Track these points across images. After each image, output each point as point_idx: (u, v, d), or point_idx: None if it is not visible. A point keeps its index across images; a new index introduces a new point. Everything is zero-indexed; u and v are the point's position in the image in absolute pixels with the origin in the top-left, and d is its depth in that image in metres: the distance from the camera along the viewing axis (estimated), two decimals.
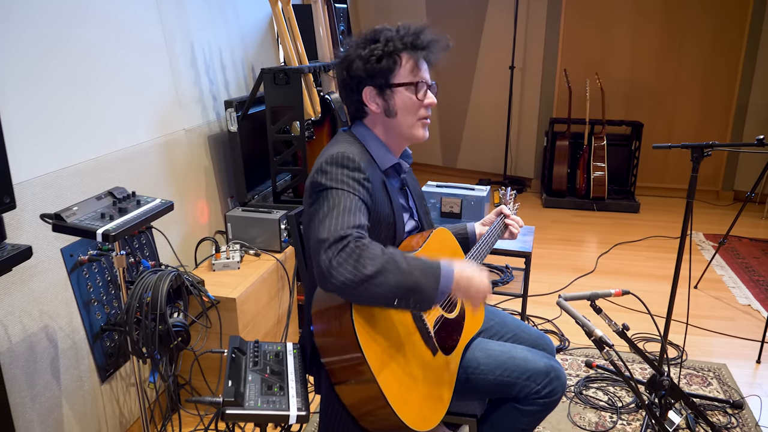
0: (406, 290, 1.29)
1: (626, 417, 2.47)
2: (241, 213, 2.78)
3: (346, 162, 1.46)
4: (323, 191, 1.42)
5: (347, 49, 1.59)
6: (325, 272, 1.27)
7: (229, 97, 3.03)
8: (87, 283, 2.04)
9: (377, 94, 1.57)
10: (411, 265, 1.31)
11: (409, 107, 1.57)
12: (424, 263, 1.34)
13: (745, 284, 3.78)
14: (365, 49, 1.54)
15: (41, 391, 1.86)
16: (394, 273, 1.28)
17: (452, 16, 6.03)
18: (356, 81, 1.56)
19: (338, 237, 1.30)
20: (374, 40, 1.55)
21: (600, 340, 1.66)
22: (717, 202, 5.62)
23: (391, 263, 1.29)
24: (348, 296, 1.32)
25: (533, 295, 3.56)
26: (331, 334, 1.40)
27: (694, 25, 5.32)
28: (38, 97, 1.84)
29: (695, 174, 2.22)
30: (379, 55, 1.53)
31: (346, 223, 1.33)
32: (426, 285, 1.31)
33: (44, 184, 1.85)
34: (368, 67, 1.53)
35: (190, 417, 2.40)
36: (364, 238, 1.32)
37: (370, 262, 1.27)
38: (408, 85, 1.55)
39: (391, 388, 1.35)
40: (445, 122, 6.40)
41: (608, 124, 5.34)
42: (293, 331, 2.88)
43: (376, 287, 1.27)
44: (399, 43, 1.54)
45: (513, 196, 2.14)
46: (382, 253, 1.30)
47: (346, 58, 1.58)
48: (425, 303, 1.34)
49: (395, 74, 1.55)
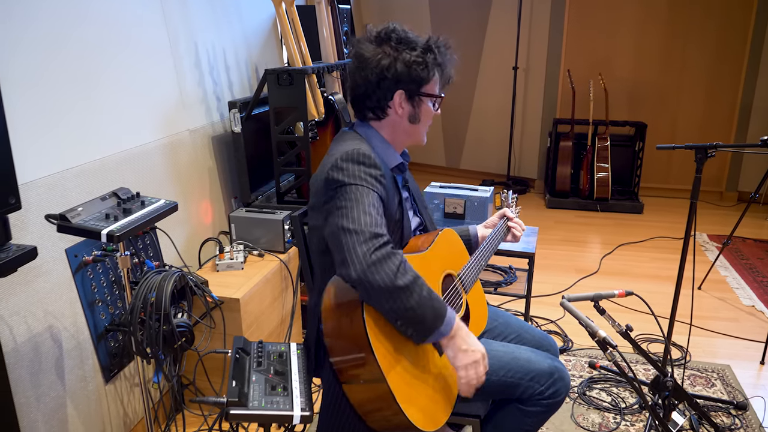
0: (414, 317, 1.34)
1: (630, 418, 2.47)
2: (244, 213, 2.78)
3: (362, 158, 1.47)
4: (342, 187, 1.43)
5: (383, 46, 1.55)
6: (358, 263, 1.29)
7: (233, 97, 3.04)
8: (91, 284, 2.04)
9: (407, 100, 1.59)
10: (428, 296, 1.35)
11: (427, 117, 1.64)
12: (438, 299, 1.37)
13: (749, 285, 3.77)
14: (412, 53, 1.54)
15: (46, 391, 1.86)
16: (417, 297, 1.32)
17: (456, 17, 6.03)
18: (393, 82, 1.55)
19: (374, 233, 1.33)
20: (412, 44, 1.55)
21: (603, 340, 1.66)
22: (721, 202, 5.60)
23: (418, 287, 1.33)
24: (364, 293, 1.34)
25: (537, 296, 3.56)
26: (341, 333, 1.40)
27: (697, 26, 5.31)
28: (42, 97, 1.85)
29: (699, 175, 2.21)
30: (430, 63, 1.56)
31: (375, 220, 1.36)
32: (429, 321, 1.36)
33: (49, 185, 1.86)
34: (412, 72, 1.54)
35: (194, 417, 2.41)
36: (397, 247, 1.37)
37: (404, 276, 1.31)
38: (434, 98, 1.61)
39: (399, 388, 1.36)
40: (449, 123, 6.40)
41: (612, 124, 5.33)
42: (297, 331, 2.88)
43: (395, 301, 1.31)
44: (443, 58, 1.59)
45: (515, 199, 2.15)
46: (412, 270, 1.34)
47: (386, 56, 1.53)
48: (420, 336, 1.38)
49: (428, 85, 1.59)
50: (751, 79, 5.30)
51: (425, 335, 1.38)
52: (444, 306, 1.38)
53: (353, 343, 1.36)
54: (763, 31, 5.17)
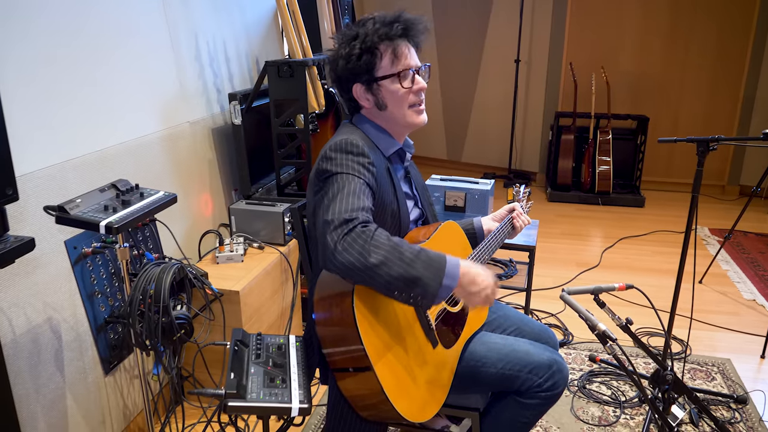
0: (407, 283, 1.28)
1: (629, 411, 2.47)
2: (244, 206, 2.78)
3: (350, 147, 1.47)
4: (329, 177, 1.44)
5: (334, 48, 1.61)
6: (330, 253, 1.28)
7: (233, 89, 3.03)
8: (91, 276, 2.04)
9: (366, 90, 1.59)
10: (414, 257, 1.30)
11: (397, 98, 1.58)
12: (428, 256, 1.32)
13: (750, 279, 3.76)
14: (347, 47, 1.56)
15: (45, 383, 1.87)
16: (397, 264, 1.27)
17: (458, 9, 6.00)
18: (344, 80, 1.59)
19: (344, 219, 1.30)
20: (354, 37, 1.56)
21: (603, 334, 1.65)
22: (723, 196, 5.59)
23: (395, 254, 1.28)
24: (350, 278, 1.33)
25: (537, 289, 3.56)
26: (331, 322, 1.40)
27: (700, 19, 5.27)
28: (41, 89, 1.84)
29: (701, 168, 2.20)
30: (357, 52, 1.54)
31: (351, 205, 1.34)
32: (428, 279, 1.30)
33: (48, 176, 1.86)
34: (350, 66, 1.55)
35: (194, 409, 2.41)
36: (370, 223, 1.32)
37: (375, 250, 1.27)
38: (392, 77, 1.56)
39: (387, 379, 1.35)
40: (450, 116, 6.38)
41: (614, 118, 5.31)
42: (296, 324, 2.88)
43: (378, 276, 1.27)
44: (375, 37, 1.54)
45: (527, 194, 2.13)
46: (388, 241, 1.29)
47: (332, 59, 1.60)
48: (427, 298, 1.32)
49: (377, 68, 1.56)
50: (753, 72, 5.27)
51: (432, 295, 1.31)
52: (439, 259, 1.32)
53: (342, 332, 1.36)
54: (766, 25, 5.14)
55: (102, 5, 2.09)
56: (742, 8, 5.17)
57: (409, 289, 1.29)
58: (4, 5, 1.70)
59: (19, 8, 1.75)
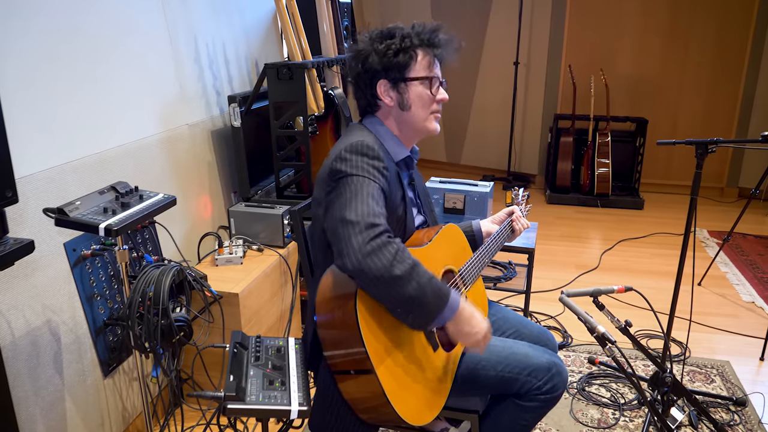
0: (413, 303, 1.33)
1: (629, 414, 2.47)
2: (244, 208, 2.78)
3: (365, 150, 1.47)
4: (344, 178, 1.44)
5: (362, 43, 1.61)
6: (353, 253, 1.29)
7: (232, 92, 3.03)
8: (90, 278, 2.04)
9: (391, 88, 1.59)
10: (428, 281, 1.34)
11: (423, 101, 1.61)
12: (438, 284, 1.36)
13: (749, 281, 3.77)
14: (381, 43, 1.57)
15: (44, 386, 1.86)
16: (414, 284, 1.31)
17: (457, 11, 6.01)
18: (371, 74, 1.59)
19: (370, 223, 1.32)
20: (390, 36, 1.58)
21: (602, 336, 1.66)
22: (721, 198, 5.60)
23: (415, 273, 1.32)
24: (362, 283, 1.34)
25: (536, 292, 3.56)
26: (333, 325, 1.40)
27: (699, 21, 5.29)
28: (41, 91, 1.84)
29: (699, 170, 2.21)
30: (396, 49, 1.56)
31: (373, 209, 1.36)
32: (432, 306, 1.35)
33: (47, 179, 1.86)
34: (385, 60, 1.57)
35: (193, 411, 2.41)
36: (394, 236, 1.35)
37: (400, 265, 1.30)
38: (423, 80, 1.59)
39: (389, 381, 1.35)
40: (450, 118, 6.38)
41: (613, 120, 5.31)
42: (296, 326, 2.88)
43: (392, 289, 1.31)
44: (416, 39, 1.58)
45: (526, 197, 2.13)
46: (411, 259, 1.33)
47: (362, 52, 1.60)
48: (422, 323, 1.38)
49: (411, 69, 1.58)
50: (752, 74, 5.28)
51: (427, 322, 1.37)
52: (446, 291, 1.37)
53: (345, 334, 1.36)
54: (765, 27, 5.15)
55: (101, 7, 2.10)
56: (742, 4, 5.18)
57: (412, 309, 1.34)
58: (4, 3, 1.70)
59: (20, 6, 1.76)
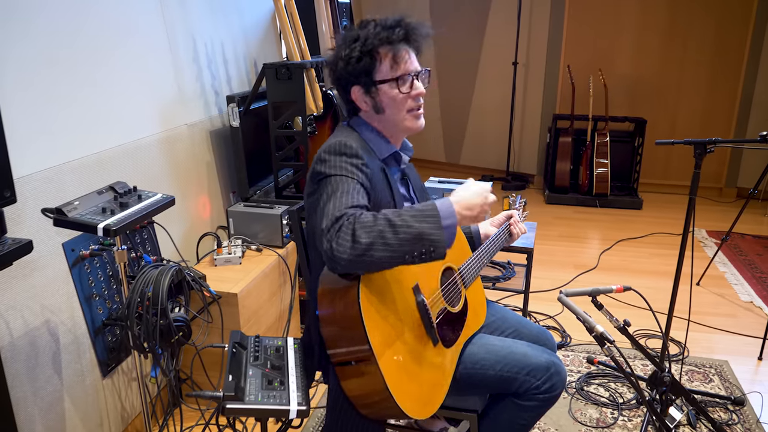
0: (411, 243, 1.27)
1: (627, 413, 2.47)
2: (242, 208, 2.78)
3: (343, 149, 1.47)
4: (323, 179, 1.44)
5: (334, 49, 1.61)
6: (329, 256, 1.28)
7: (231, 92, 3.03)
8: (89, 278, 2.04)
9: (364, 93, 1.59)
10: (406, 217, 1.29)
11: (395, 102, 1.58)
12: (418, 211, 1.31)
13: (748, 281, 3.77)
14: (347, 48, 1.56)
15: (43, 386, 1.86)
16: (392, 232, 1.27)
17: (456, 11, 6.01)
18: (343, 81, 1.59)
19: (335, 219, 1.30)
20: (354, 39, 1.56)
21: (601, 336, 1.66)
22: (720, 198, 5.60)
23: (385, 224, 1.28)
24: (358, 269, 1.33)
25: (535, 292, 3.56)
26: (335, 316, 1.40)
27: (697, 21, 5.29)
28: (39, 92, 1.84)
29: (698, 170, 2.21)
30: (357, 55, 1.54)
31: (343, 204, 1.34)
32: (429, 230, 1.29)
33: (45, 179, 1.85)
34: (349, 68, 1.56)
35: (192, 411, 2.41)
36: (356, 212, 1.31)
37: (364, 231, 1.26)
38: (390, 81, 1.56)
39: (390, 373, 1.36)
40: (448, 118, 6.39)
41: (611, 120, 5.32)
42: (295, 326, 2.88)
43: (380, 252, 1.26)
44: (375, 40, 1.54)
45: (523, 203, 2.14)
46: (374, 218, 1.29)
47: (332, 60, 1.60)
48: (438, 248, 1.30)
49: (376, 71, 1.56)
50: (751, 74, 5.29)
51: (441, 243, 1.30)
52: (431, 207, 1.33)
53: (347, 326, 1.36)
54: (764, 27, 5.15)
55: (100, 7, 2.09)
56: (740, 10, 5.18)
57: (418, 247, 1.28)
58: (4, 5, 1.70)
59: (20, 8, 1.76)
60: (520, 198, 2.15)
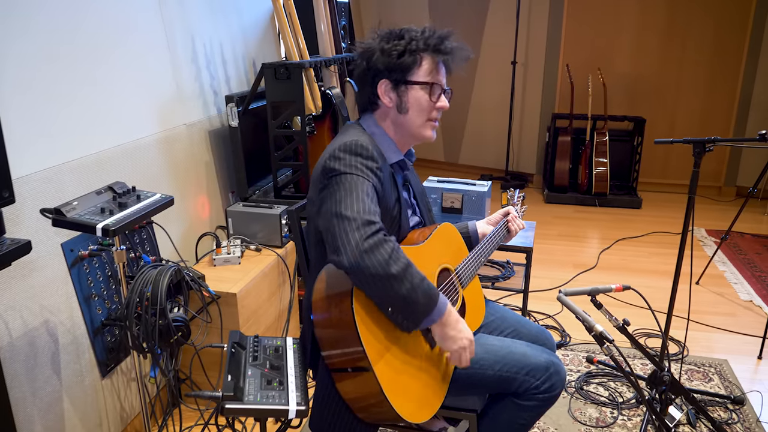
0: (406, 303, 1.34)
1: (627, 412, 2.47)
2: (241, 208, 2.78)
3: (359, 150, 1.47)
4: (337, 176, 1.44)
5: (370, 40, 1.61)
6: (350, 250, 1.29)
7: (230, 92, 3.03)
8: (87, 278, 2.04)
9: (392, 89, 1.59)
10: (420, 282, 1.35)
11: (421, 106, 1.60)
12: (429, 285, 1.37)
13: (747, 280, 3.77)
14: (388, 43, 1.57)
15: (42, 386, 1.86)
16: (408, 283, 1.32)
17: (454, 10, 6.01)
18: (374, 73, 1.59)
19: (367, 220, 1.32)
20: (399, 37, 1.58)
21: (600, 335, 1.66)
22: (719, 197, 5.60)
23: (409, 273, 1.33)
24: (358, 280, 1.34)
25: (534, 291, 3.56)
26: (330, 322, 1.40)
27: (696, 20, 5.29)
28: (38, 92, 1.84)
29: (697, 169, 2.21)
30: (400, 50, 1.55)
31: (368, 207, 1.36)
32: (422, 307, 1.36)
33: (44, 179, 1.85)
34: (389, 60, 1.56)
35: (191, 411, 2.41)
36: (389, 235, 1.36)
37: (395, 264, 1.31)
38: (423, 85, 1.58)
39: (387, 379, 1.36)
40: (447, 118, 6.38)
41: (610, 119, 5.32)
42: (294, 326, 2.88)
43: (387, 288, 1.31)
44: (422, 44, 1.57)
45: (521, 198, 2.14)
46: (405, 258, 1.34)
47: (368, 50, 1.60)
48: (410, 323, 1.40)
49: (413, 72, 1.57)
50: (750, 73, 5.29)
51: (416, 322, 1.39)
52: (436, 293, 1.39)
53: (341, 332, 1.37)
54: (762, 26, 5.16)
55: (99, 7, 2.09)
56: (739, 3, 5.18)
57: (403, 309, 1.36)
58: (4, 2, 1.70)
59: (19, 5, 1.75)
60: (519, 192, 2.14)
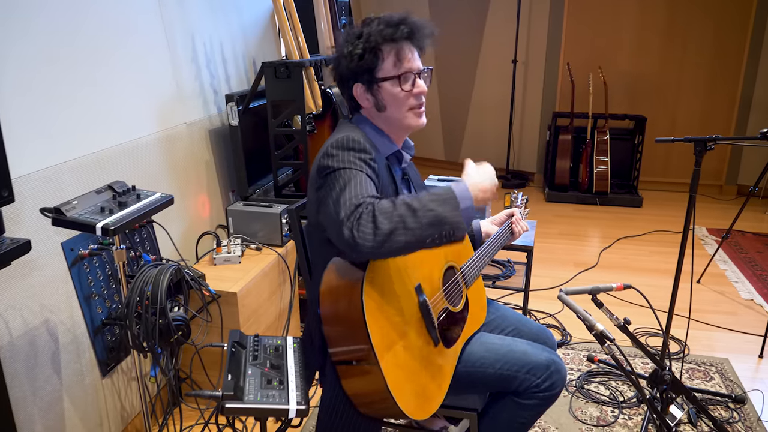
0: (432, 227, 1.29)
1: (628, 411, 2.46)
2: (242, 207, 2.78)
3: (351, 144, 1.47)
4: (331, 173, 1.43)
5: (338, 46, 1.61)
6: (350, 244, 1.28)
7: (230, 90, 3.02)
8: (88, 278, 2.03)
9: (365, 90, 1.58)
10: (425, 202, 1.31)
11: (397, 100, 1.57)
12: (436, 195, 1.34)
13: (748, 279, 3.77)
14: (350, 46, 1.55)
15: (42, 386, 1.86)
16: (412, 217, 1.28)
17: (455, 9, 6.00)
18: (345, 79, 1.59)
19: (354, 207, 1.31)
20: (358, 36, 1.55)
21: (601, 334, 1.65)
22: (720, 196, 5.60)
23: (405, 210, 1.29)
24: (380, 256, 1.33)
25: (535, 290, 3.55)
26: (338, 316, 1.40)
27: (697, 19, 5.28)
28: (38, 92, 1.84)
29: (698, 168, 2.20)
30: (360, 52, 1.53)
31: (359, 193, 1.35)
32: (448, 213, 1.31)
33: (44, 178, 1.85)
34: (352, 65, 1.55)
35: (191, 411, 2.41)
36: (374, 201, 1.33)
37: (385, 217, 1.27)
38: (392, 79, 1.55)
39: (391, 374, 1.35)
40: (448, 116, 6.38)
41: (611, 118, 5.31)
42: (294, 325, 2.88)
43: (402, 237, 1.27)
44: (378, 37, 1.53)
45: (525, 200, 2.14)
46: (393, 204, 1.30)
47: (335, 57, 1.61)
48: (457, 231, 1.33)
49: (379, 69, 1.55)
50: (751, 72, 5.28)
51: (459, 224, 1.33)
52: (448, 191, 1.36)
53: (349, 326, 1.36)
54: (764, 24, 5.15)
55: (99, 7, 2.09)
56: (739, 4, 5.17)
57: (438, 230, 1.31)
58: (4, 3, 1.69)
59: (20, 6, 1.75)
60: (522, 195, 2.14)
